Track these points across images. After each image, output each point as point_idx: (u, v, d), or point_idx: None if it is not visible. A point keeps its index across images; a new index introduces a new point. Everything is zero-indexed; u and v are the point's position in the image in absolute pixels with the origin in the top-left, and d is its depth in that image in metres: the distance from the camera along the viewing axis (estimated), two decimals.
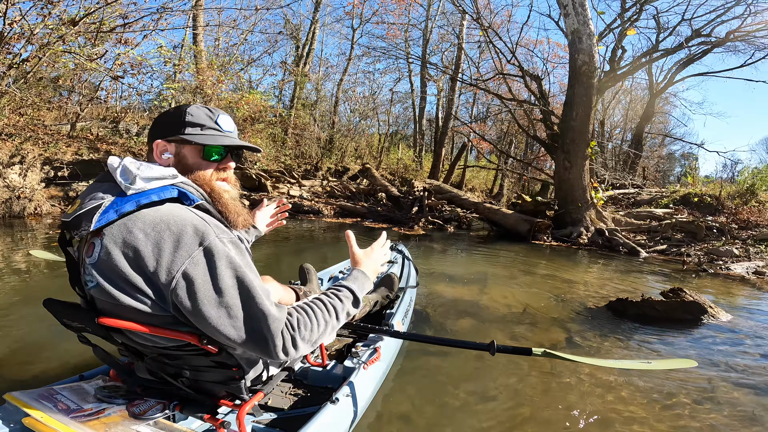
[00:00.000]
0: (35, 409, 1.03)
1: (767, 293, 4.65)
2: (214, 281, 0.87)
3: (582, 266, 6.09)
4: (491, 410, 1.85)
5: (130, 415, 1.07)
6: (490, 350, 1.38)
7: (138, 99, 10.07)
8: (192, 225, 0.90)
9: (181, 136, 1.04)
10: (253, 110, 8.23)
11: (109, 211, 0.90)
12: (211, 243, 0.89)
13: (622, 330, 3.10)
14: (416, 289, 2.85)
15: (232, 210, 1.07)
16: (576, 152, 8.36)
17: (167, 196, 0.94)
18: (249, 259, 0.97)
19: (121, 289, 0.89)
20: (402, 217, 9.40)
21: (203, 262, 0.88)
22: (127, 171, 0.97)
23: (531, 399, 1.95)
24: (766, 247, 7.35)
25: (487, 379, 2.13)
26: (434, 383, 2.05)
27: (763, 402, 2.06)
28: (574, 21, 7.99)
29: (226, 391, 1.09)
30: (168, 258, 0.86)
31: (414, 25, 17.22)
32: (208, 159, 1.08)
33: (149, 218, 0.90)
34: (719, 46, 10.79)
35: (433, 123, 20.08)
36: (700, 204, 10.43)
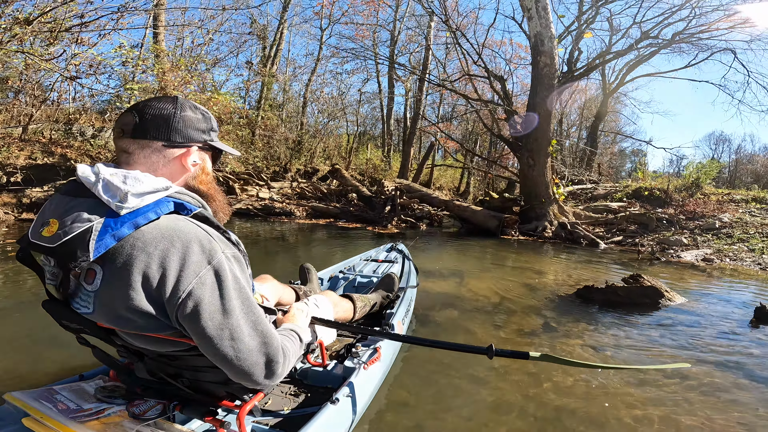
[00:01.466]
0: (35, 409, 1.03)
1: (715, 278, 5.12)
2: (222, 302, 0.85)
3: (548, 258, 6.43)
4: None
5: (130, 416, 1.07)
6: (488, 354, 1.38)
7: (92, 100, 9.59)
8: (198, 241, 0.85)
9: (211, 143, 1.03)
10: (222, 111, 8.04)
11: (104, 237, 0.81)
12: (218, 261, 0.86)
13: (591, 314, 3.36)
14: (417, 288, 2.85)
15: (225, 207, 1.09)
16: (539, 150, 8.79)
17: (165, 212, 0.87)
18: (248, 273, 0.97)
19: (123, 317, 0.86)
20: (375, 217, 9.51)
21: (211, 281, 0.85)
22: (112, 186, 0.86)
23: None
24: (712, 236, 8.02)
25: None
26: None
27: (725, 375, 2.32)
28: (537, 24, 8.38)
29: (226, 391, 1.08)
30: (174, 277, 0.82)
31: (382, 26, 17.38)
32: (215, 163, 1.10)
33: (150, 236, 0.83)
34: (666, 47, 11.60)
35: (400, 123, 20.33)
36: (650, 197, 11.19)
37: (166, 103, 0.97)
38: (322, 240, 7.67)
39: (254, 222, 9.15)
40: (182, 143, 0.97)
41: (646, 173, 15.27)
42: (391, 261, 3.32)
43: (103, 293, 0.85)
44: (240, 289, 0.88)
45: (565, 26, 10.41)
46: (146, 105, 0.95)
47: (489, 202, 9.65)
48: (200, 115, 1.01)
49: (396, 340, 1.76)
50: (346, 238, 7.79)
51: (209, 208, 1.01)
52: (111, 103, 9.67)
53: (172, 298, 0.83)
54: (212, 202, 1.06)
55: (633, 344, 2.70)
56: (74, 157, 8.47)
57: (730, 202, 10.69)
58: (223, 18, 10.33)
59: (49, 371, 1.96)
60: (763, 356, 2.54)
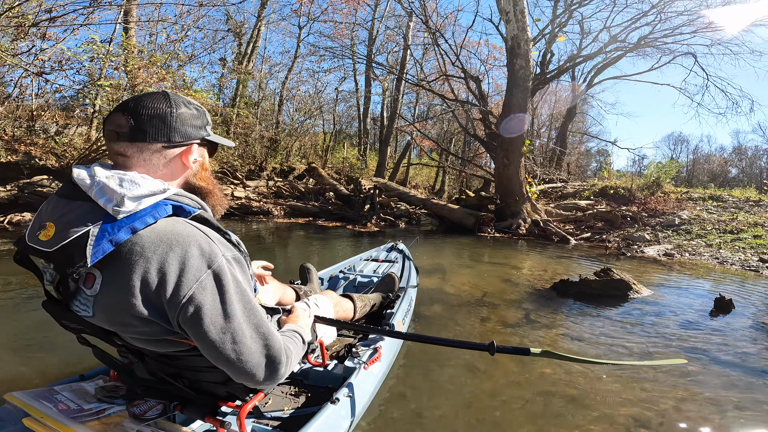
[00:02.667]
0: (35, 409, 1.02)
1: (676, 272, 5.48)
2: (223, 306, 0.84)
3: (524, 254, 6.70)
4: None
5: (130, 416, 1.07)
6: (489, 351, 1.38)
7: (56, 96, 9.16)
8: (197, 245, 0.84)
9: (208, 138, 1.01)
10: None
11: (102, 242, 0.80)
12: (219, 265, 0.85)
13: (568, 306, 3.57)
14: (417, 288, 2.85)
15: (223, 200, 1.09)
16: (514, 150, 9.09)
17: (163, 216, 0.85)
18: (249, 274, 0.97)
19: (123, 322, 0.86)
20: (354, 215, 9.56)
21: (212, 286, 0.84)
22: (108, 190, 0.83)
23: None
24: (672, 233, 8.53)
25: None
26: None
27: (691, 361, 2.54)
28: (514, 27, 8.64)
29: (227, 391, 1.08)
30: (174, 282, 0.81)
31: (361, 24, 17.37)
32: (211, 156, 1.08)
33: (148, 240, 0.82)
34: (632, 51, 12.22)
35: (377, 122, 20.42)
36: (615, 195, 11.73)
37: (159, 101, 0.92)
38: (302, 239, 7.67)
39: (231, 221, 9.02)
40: (182, 142, 0.94)
41: (611, 173, 16.01)
42: (391, 261, 3.33)
43: (103, 298, 0.84)
44: (241, 292, 0.88)
45: (540, 29, 10.79)
46: (138, 104, 0.90)
47: (465, 200, 9.89)
48: (195, 111, 0.98)
49: (397, 338, 1.76)
50: (327, 237, 7.82)
51: (208, 206, 1.00)
52: (76, 99, 9.27)
53: (173, 303, 0.82)
54: (211, 197, 1.05)
55: (608, 334, 2.89)
56: (38, 155, 8.08)
57: (689, 200, 11.34)
58: (200, 14, 10.09)
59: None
60: (723, 343, 2.79)
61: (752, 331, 3.02)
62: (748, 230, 7.93)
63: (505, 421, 1.78)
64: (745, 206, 10.37)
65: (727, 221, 8.78)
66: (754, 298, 4.09)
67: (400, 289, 2.52)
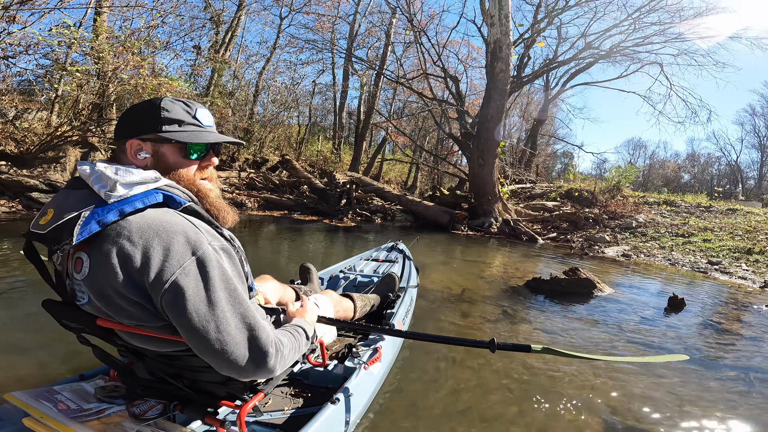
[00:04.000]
0: (35, 409, 1.03)
1: (633, 272, 5.90)
2: (207, 293, 0.84)
3: (496, 252, 6.98)
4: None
5: (130, 416, 1.07)
6: (490, 348, 1.38)
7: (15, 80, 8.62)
8: (183, 232, 0.86)
9: (160, 134, 0.97)
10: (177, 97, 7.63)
11: (90, 222, 0.84)
12: (204, 252, 0.86)
13: (541, 303, 3.81)
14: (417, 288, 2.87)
15: (221, 208, 1.05)
16: (489, 151, 9.39)
17: (152, 202, 0.89)
18: (240, 267, 0.96)
19: (115, 303, 0.87)
20: (330, 210, 9.58)
21: (195, 272, 0.84)
22: (104, 177, 0.90)
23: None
24: (629, 234, 9.10)
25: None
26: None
27: (644, 350, 2.81)
28: (498, 31, 8.87)
29: (227, 391, 1.08)
30: (157, 267, 0.82)
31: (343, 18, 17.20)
32: (190, 157, 1.02)
33: (135, 226, 0.85)
34: (605, 58, 12.83)
35: (352, 116, 20.35)
36: (579, 198, 12.31)
37: (141, 103, 1.01)
38: (279, 233, 7.64)
39: None
40: (122, 139, 0.99)
41: (576, 175, 16.78)
42: (391, 261, 3.35)
43: (91, 280, 0.86)
44: (226, 280, 0.87)
45: (520, 33, 11.13)
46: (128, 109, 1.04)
47: (440, 198, 10.13)
48: (148, 109, 0.98)
49: (398, 336, 1.77)
50: (303, 231, 7.82)
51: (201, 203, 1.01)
52: (39, 83, 8.76)
53: (156, 287, 0.83)
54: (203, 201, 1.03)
55: (578, 328, 3.13)
56: None
57: (645, 204, 12.08)
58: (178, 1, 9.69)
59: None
60: (677, 337, 3.08)
61: (702, 328, 3.36)
62: (698, 234, 8.58)
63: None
64: (696, 211, 11.17)
65: (679, 225, 9.44)
66: (702, 297, 4.50)
67: (401, 289, 2.52)
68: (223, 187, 10.80)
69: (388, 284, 2.40)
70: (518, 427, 1.76)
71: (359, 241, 7.33)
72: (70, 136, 8.37)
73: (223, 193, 1.15)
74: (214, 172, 1.09)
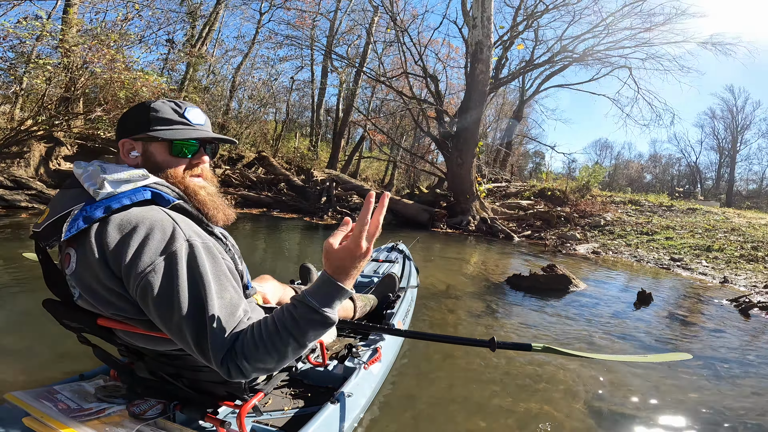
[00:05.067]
0: (35, 409, 1.03)
1: (603, 268, 6.22)
2: (172, 292, 0.82)
3: (475, 249, 7.18)
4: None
5: (131, 415, 1.07)
6: (490, 346, 1.38)
7: None
8: (161, 229, 0.86)
9: (148, 134, 1.00)
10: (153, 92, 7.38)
11: (78, 219, 0.86)
12: (177, 249, 0.85)
13: (522, 298, 3.99)
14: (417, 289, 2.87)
15: (211, 206, 1.05)
16: (467, 150, 9.60)
17: (139, 199, 0.90)
18: (223, 266, 0.91)
19: (100, 296, 0.89)
20: (311, 207, 9.55)
21: (164, 270, 0.83)
22: (94, 175, 0.93)
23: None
24: (598, 232, 9.53)
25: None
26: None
27: (624, 344, 3.01)
28: (480, 33, 9.05)
29: (227, 391, 1.07)
30: (131, 263, 0.83)
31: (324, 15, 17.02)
32: (178, 155, 1.03)
33: (118, 221, 0.87)
34: (578, 61, 13.32)
35: (330, 113, 20.23)
36: (552, 197, 12.76)
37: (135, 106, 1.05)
38: (259, 231, 7.57)
39: None
40: (120, 138, 1.03)
41: (549, 175, 17.35)
42: (391, 261, 3.38)
43: (78, 275, 0.89)
44: (195, 279, 0.84)
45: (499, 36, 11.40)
46: None
47: (419, 196, 10.28)
48: (139, 110, 1.02)
49: (398, 336, 1.77)
50: (284, 229, 7.79)
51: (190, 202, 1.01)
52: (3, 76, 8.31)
53: (129, 282, 0.84)
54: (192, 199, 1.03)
55: (558, 322, 3.31)
56: None
57: (612, 203, 12.63)
58: None
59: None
60: (647, 329, 3.32)
61: (669, 321, 3.61)
62: (661, 232, 9.08)
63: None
64: (658, 210, 11.79)
65: (643, 224, 9.95)
66: (667, 292, 4.81)
67: (401, 289, 2.52)
68: None
69: (388, 284, 2.40)
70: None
71: None
72: (35, 131, 8.00)
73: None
74: (208, 170, 1.10)
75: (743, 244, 7.61)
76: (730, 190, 34.48)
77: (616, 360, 2.01)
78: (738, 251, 7.16)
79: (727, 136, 35.45)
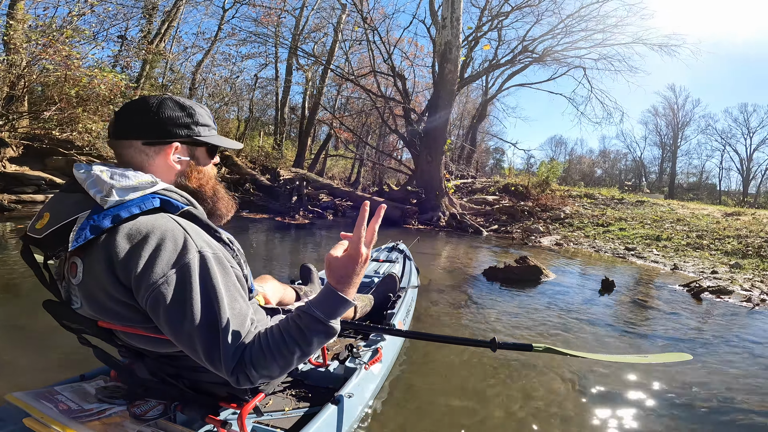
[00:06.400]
0: (36, 410, 1.02)
1: (566, 259, 6.61)
2: (183, 303, 0.82)
3: (447, 244, 7.40)
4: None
5: (131, 416, 1.07)
6: (491, 347, 1.37)
7: None
8: (172, 239, 0.85)
9: (197, 138, 1.01)
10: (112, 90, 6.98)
11: (85, 229, 0.84)
12: (189, 260, 0.85)
13: (499, 290, 4.20)
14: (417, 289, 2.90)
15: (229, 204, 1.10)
16: (436, 148, 9.83)
17: (148, 207, 0.88)
18: (232, 274, 0.92)
19: (107, 308, 0.88)
20: (281, 207, 9.43)
21: (176, 281, 0.83)
22: (100, 181, 0.88)
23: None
24: (559, 225, 10.06)
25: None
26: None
27: (594, 328, 3.25)
28: (449, 33, 9.25)
29: (228, 391, 1.08)
30: (142, 273, 0.82)
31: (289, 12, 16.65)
32: (212, 158, 1.08)
33: (127, 231, 0.85)
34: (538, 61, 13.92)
35: (295, 111, 19.90)
36: (515, 192, 13.30)
37: (146, 102, 0.98)
38: (231, 232, 7.41)
39: None
40: (159, 140, 0.98)
41: (511, 170, 18.06)
42: (391, 261, 3.39)
43: (85, 285, 0.87)
44: (208, 290, 0.85)
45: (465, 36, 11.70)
46: (127, 106, 0.99)
47: (389, 193, 10.40)
48: (182, 111, 1.00)
49: (399, 336, 1.76)
50: (257, 230, 7.67)
51: (200, 206, 1.01)
52: None
53: (140, 293, 0.83)
54: (207, 200, 1.06)
55: (534, 311, 3.52)
56: None
57: (569, 197, 13.34)
58: None
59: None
60: (613, 314, 3.62)
61: (632, 306, 3.94)
62: (615, 224, 9.72)
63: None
64: (611, 203, 12.59)
65: (598, 216, 10.60)
66: (626, 279, 5.21)
67: (401, 290, 2.53)
68: None
69: (388, 284, 2.39)
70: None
71: (316, 237, 7.36)
72: None
73: None
74: None
75: (689, 233, 8.31)
76: (672, 183, 37.28)
77: (616, 361, 2.04)
78: (684, 240, 7.81)
79: (669, 132, 38.32)
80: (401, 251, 3.58)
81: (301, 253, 5.79)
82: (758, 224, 8.75)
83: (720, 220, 9.64)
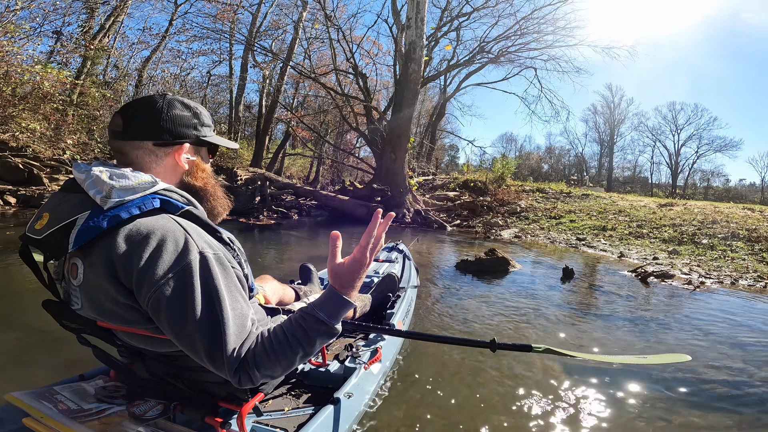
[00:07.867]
0: (35, 409, 1.02)
1: (526, 250, 7.03)
2: (185, 303, 0.83)
3: (415, 239, 7.61)
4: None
5: (131, 416, 1.06)
6: (491, 347, 1.37)
7: None
8: (173, 241, 0.85)
9: (203, 138, 1.05)
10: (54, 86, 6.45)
11: (85, 230, 0.84)
12: (190, 261, 0.85)
13: (472, 281, 4.44)
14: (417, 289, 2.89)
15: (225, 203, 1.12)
16: (400, 146, 10.02)
17: (149, 208, 0.88)
18: (232, 273, 0.93)
19: (107, 309, 0.88)
20: (244, 208, 9.22)
21: (178, 282, 0.83)
22: (99, 182, 0.87)
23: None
24: (516, 219, 10.61)
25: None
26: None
27: (561, 312, 3.55)
28: (414, 33, 9.41)
29: (227, 391, 1.08)
30: (144, 274, 0.82)
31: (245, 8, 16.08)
32: (212, 157, 1.14)
33: (128, 231, 0.85)
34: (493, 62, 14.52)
35: (250, 109, 19.35)
36: (474, 188, 13.82)
37: (154, 102, 0.98)
38: None
39: None
40: (172, 141, 0.99)
41: (469, 167, 18.71)
42: (391, 261, 3.40)
43: (85, 286, 0.87)
44: (210, 290, 0.85)
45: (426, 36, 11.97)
46: (134, 105, 0.99)
47: (354, 191, 10.47)
48: (189, 112, 1.02)
49: (398, 336, 1.77)
50: None
51: (201, 206, 1.02)
52: None
53: (141, 294, 0.83)
54: (209, 198, 1.08)
55: (507, 299, 3.76)
56: None
57: (523, 192, 14.06)
58: None
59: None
60: (575, 300, 3.95)
61: (591, 290, 4.32)
62: (565, 216, 10.41)
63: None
64: (560, 197, 13.41)
65: (550, 209, 11.30)
66: (581, 267, 5.66)
67: (401, 289, 2.54)
68: None
69: (388, 284, 2.39)
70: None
71: (285, 237, 7.30)
72: None
73: None
74: None
75: (630, 224, 9.09)
76: (610, 176, 40.20)
77: (617, 361, 2.07)
78: (627, 230, 8.55)
79: (607, 129, 41.24)
80: (401, 251, 3.63)
81: (272, 254, 5.74)
82: (690, 214, 9.73)
83: (656, 210, 10.60)
